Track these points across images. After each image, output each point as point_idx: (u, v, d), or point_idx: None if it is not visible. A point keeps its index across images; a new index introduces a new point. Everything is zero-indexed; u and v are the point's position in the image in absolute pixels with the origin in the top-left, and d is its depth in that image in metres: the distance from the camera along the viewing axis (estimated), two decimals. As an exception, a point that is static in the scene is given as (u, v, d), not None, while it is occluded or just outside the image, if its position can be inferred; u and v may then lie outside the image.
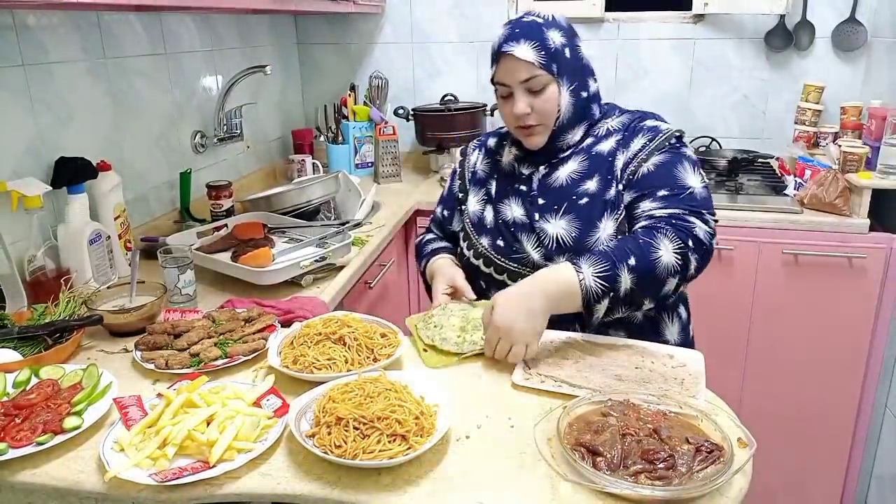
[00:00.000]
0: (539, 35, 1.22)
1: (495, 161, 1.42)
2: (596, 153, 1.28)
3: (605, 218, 1.23)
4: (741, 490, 0.84)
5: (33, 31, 1.46)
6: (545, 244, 1.25)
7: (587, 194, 1.25)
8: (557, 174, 1.30)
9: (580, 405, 0.97)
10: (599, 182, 1.26)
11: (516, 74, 1.23)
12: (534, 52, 1.21)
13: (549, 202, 1.28)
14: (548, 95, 1.23)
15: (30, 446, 0.92)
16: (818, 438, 2.06)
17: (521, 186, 1.32)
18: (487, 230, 1.35)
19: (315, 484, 0.87)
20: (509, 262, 1.30)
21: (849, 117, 2.16)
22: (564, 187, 1.28)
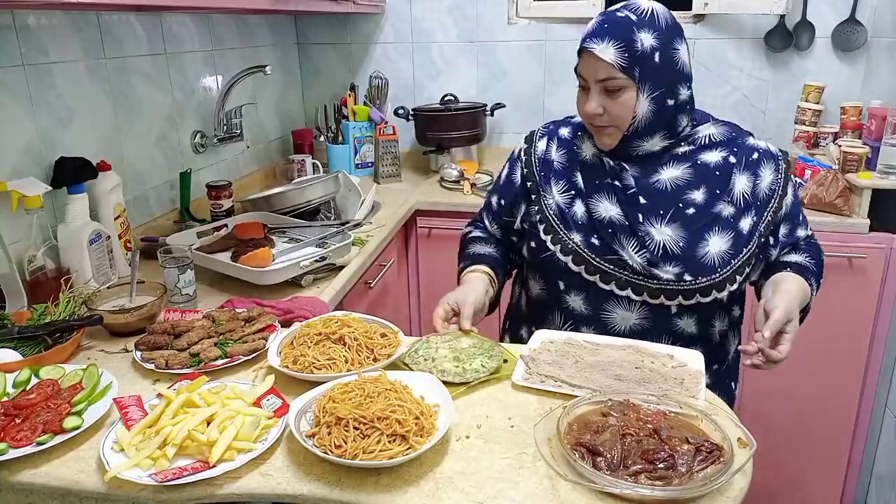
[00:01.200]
0: (628, 34, 1.14)
1: (573, 152, 1.32)
2: (701, 163, 1.24)
3: (713, 233, 1.20)
4: (741, 490, 0.84)
5: (33, 32, 1.46)
6: (650, 249, 1.19)
7: (694, 204, 1.21)
8: (659, 177, 1.23)
9: (580, 405, 0.97)
10: (706, 194, 1.22)
11: (595, 72, 1.18)
12: (616, 52, 1.14)
13: (652, 205, 1.21)
14: (624, 99, 1.17)
15: (30, 446, 0.92)
16: (818, 438, 2.06)
17: (615, 182, 1.24)
18: (579, 226, 1.25)
19: (315, 484, 0.87)
20: (604, 263, 1.22)
21: (849, 117, 2.16)
22: (669, 192, 1.22)
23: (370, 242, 1.83)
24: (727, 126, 1.30)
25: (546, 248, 1.27)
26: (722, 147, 1.26)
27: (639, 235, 1.20)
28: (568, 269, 1.25)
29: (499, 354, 1.13)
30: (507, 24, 2.56)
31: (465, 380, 1.07)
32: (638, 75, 1.15)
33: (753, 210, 1.22)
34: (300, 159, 2.42)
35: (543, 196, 1.31)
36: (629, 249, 1.20)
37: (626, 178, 1.23)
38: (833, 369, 1.99)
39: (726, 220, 1.20)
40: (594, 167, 1.28)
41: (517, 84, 2.61)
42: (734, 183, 1.22)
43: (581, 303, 1.26)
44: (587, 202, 1.26)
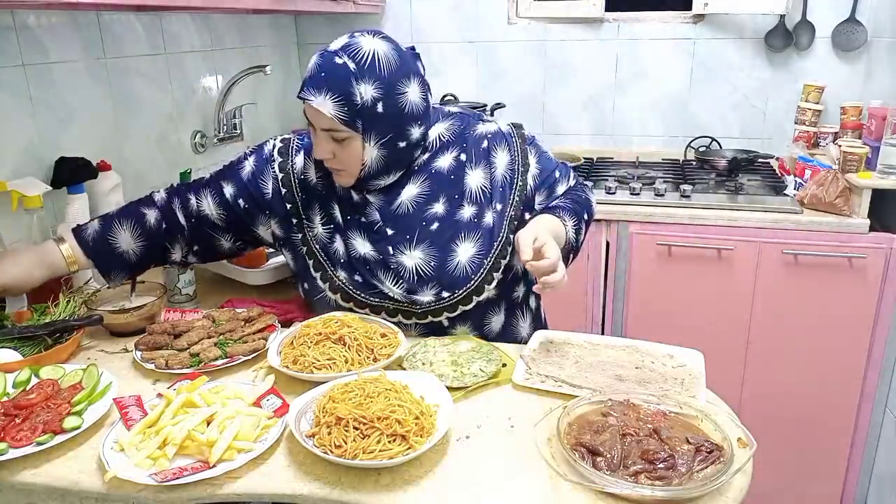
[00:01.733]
0: (346, 87, 1.08)
1: (328, 178, 1.24)
2: (436, 171, 1.22)
3: (460, 241, 1.19)
4: (741, 490, 0.84)
5: (33, 31, 1.46)
6: (405, 279, 1.19)
7: (436, 218, 1.21)
8: (399, 199, 1.21)
9: (580, 405, 0.97)
10: (446, 203, 1.21)
11: (318, 121, 1.12)
12: (334, 106, 1.09)
13: (398, 232, 1.20)
14: (351, 149, 1.14)
15: (30, 446, 0.92)
16: (818, 438, 2.06)
17: (362, 218, 1.22)
18: (341, 263, 1.22)
19: (315, 484, 0.87)
20: (370, 298, 1.21)
21: (849, 117, 2.16)
22: (411, 213, 1.21)
23: (370, 242, 1.82)
24: (455, 118, 1.28)
25: (318, 287, 1.24)
26: (452, 147, 1.24)
27: (392, 268, 1.19)
28: (339, 305, 1.24)
29: (497, 358, 1.13)
30: (507, 24, 2.56)
31: (463, 384, 1.06)
32: (361, 127, 1.11)
33: (496, 199, 1.22)
34: (300, 159, 2.42)
35: (308, 226, 1.25)
36: (387, 283, 1.20)
37: (371, 214, 1.22)
38: (833, 369, 1.99)
39: (470, 223, 1.20)
40: (346, 199, 1.24)
41: (517, 84, 2.61)
42: (468, 183, 1.22)
43: None
44: (344, 239, 1.23)
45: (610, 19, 2.47)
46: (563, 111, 2.60)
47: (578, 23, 2.48)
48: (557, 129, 2.62)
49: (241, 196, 1.27)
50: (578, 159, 2.36)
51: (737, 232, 1.95)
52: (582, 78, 2.55)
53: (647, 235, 2.01)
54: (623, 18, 2.47)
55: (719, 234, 1.97)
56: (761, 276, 1.97)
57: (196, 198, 1.29)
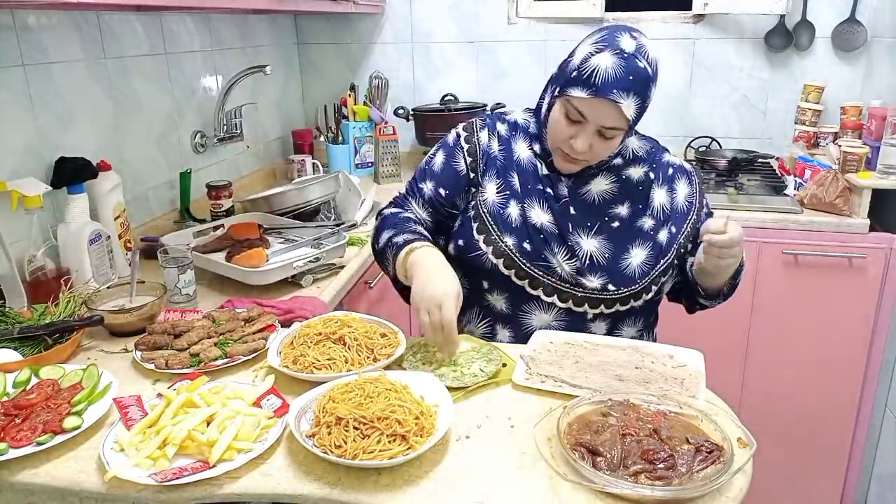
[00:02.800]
0: (646, 91, 1.13)
1: (510, 151, 1.30)
2: (626, 177, 1.27)
3: (635, 246, 1.24)
4: (741, 490, 0.84)
5: (33, 31, 1.46)
6: (580, 258, 1.21)
7: (619, 218, 1.25)
8: (589, 188, 1.26)
9: (580, 405, 0.97)
10: (630, 209, 1.26)
11: (604, 119, 1.14)
12: (636, 110, 1.13)
13: (581, 216, 1.24)
14: (615, 143, 1.19)
15: (30, 446, 0.92)
16: (818, 438, 2.06)
17: (548, 189, 1.25)
18: (512, 229, 1.24)
19: (315, 484, 0.87)
20: (534, 269, 1.22)
21: (849, 117, 2.16)
22: (596, 205, 1.25)
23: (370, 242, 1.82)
24: (647, 141, 1.33)
25: (477, 247, 1.25)
26: (643, 163, 1.29)
27: (569, 244, 1.22)
28: (497, 270, 1.24)
29: (497, 358, 1.13)
30: (508, 24, 2.56)
31: (463, 384, 1.06)
32: (634, 123, 1.18)
33: (671, 222, 1.26)
34: (300, 159, 2.42)
35: (482, 192, 1.28)
36: (559, 257, 1.22)
37: (559, 188, 1.25)
38: (833, 369, 1.99)
39: (647, 234, 1.25)
40: (528, 171, 1.28)
41: (517, 84, 2.61)
42: (653, 197, 1.27)
43: (503, 302, 1.27)
44: (522, 205, 1.25)
45: (610, 19, 2.47)
46: (563, 111, 2.60)
47: (578, 23, 2.48)
48: (557, 129, 2.62)
49: (440, 185, 1.32)
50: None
51: (737, 232, 1.95)
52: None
53: (647, 235, 2.01)
54: (623, 18, 2.47)
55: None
56: (761, 275, 1.97)
57: (413, 206, 1.35)
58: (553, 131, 1.22)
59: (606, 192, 1.26)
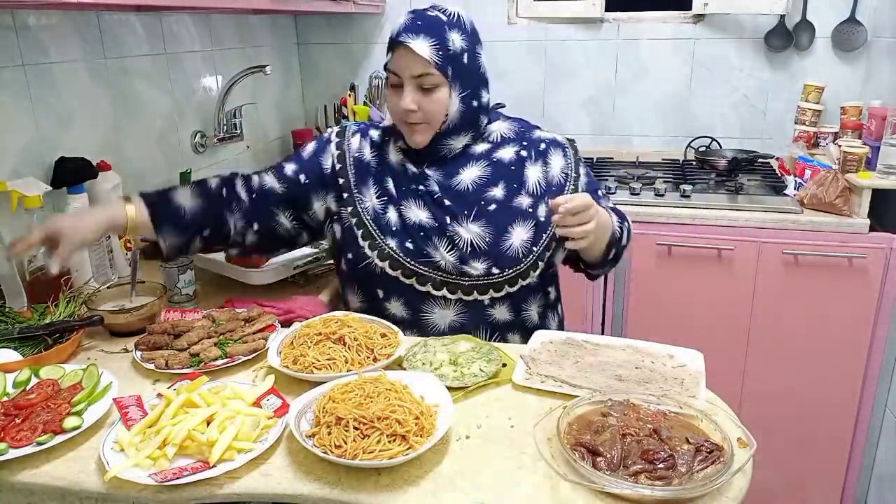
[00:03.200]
0: (440, 33, 1.19)
1: (383, 156, 1.33)
2: (497, 160, 1.31)
3: (516, 225, 1.26)
4: (741, 490, 0.84)
5: (33, 32, 1.46)
6: (460, 248, 1.24)
7: (494, 200, 1.28)
8: (460, 178, 1.29)
9: (580, 405, 0.97)
10: (505, 189, 1.29)
11: (410, 68, 1.20)
12: (431, 49, 1.18)
13: (457, 206, 1.27)
14: (438, 96, 1.22)
15: (30, 446, 0.92)
16: (818, 438, 2.06)
17: (420, 187, 1.28)
18: (393, 232, 1.26)
19: (315, 484, 0.87)
20: (419, 266, 1.25)
21: (849, 117, 2.16)
22: (471, 192, 1.28)
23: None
24: (516, 122, 1.38)
25: (364, 255, 1.27)
26: (513, 143, 1.33)
27: (448, 235, 1.25)
28: (385, 274, 1.26)
29: (497, 358, 1.13)
30: (507, 24, 2.56)
31: (463, 384, 1.06)
32: (450, 73, 1.21)
33: (548, 196, 1.26)
34: (300, 159, 2.42)
35: (359, 199, 1.31)
36: (441, 250, 1.25)
37: (430, 184, 1.28)
38: (833, 369, 1.99)
39: (525, 212, 1.27)
40: (400, 173, 1.31)
41: (517, 84, 2.61)
42: (527, 175, 1.30)
43: (401, 308, 1.29)
44: (398, 208, 1.28)
45: (610, 19, 2.47)
46: (563, 111, 2.60)
47: (578, 23, 2.48)
48: (557, 128, 2.60)
49: (302, 171, 1.34)
50: (578, 159, 2.35)
51: (737, 232, 1.95)
52: (582, 78, 2.55)
53: (648, 235, 2.01)
54: (623, 18, 2.47)
55: (719, 234, 1.97)
56: (761, 275, 1.97)
57: (258, 176, 1.35)
58: (390, 110, 1.28)
59: (479, 178, 1.29)
